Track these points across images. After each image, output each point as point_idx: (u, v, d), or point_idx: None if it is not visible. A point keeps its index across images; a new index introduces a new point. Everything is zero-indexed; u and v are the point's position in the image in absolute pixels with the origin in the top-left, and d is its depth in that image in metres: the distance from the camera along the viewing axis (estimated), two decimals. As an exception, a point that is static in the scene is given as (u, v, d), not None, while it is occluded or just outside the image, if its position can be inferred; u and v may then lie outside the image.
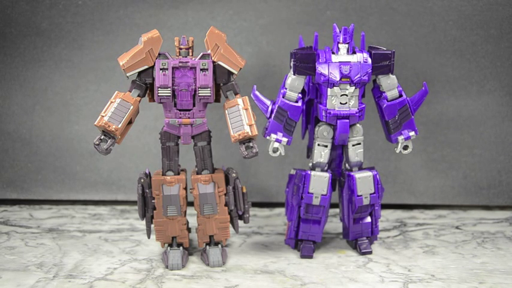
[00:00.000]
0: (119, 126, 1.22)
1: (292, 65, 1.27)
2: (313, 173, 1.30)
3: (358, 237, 1.36)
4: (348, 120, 1.26)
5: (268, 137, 1.28)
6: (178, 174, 1.28)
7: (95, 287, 1.17)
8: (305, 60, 1.26)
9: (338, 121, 1.26)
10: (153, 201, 1.28)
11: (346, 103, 1.25)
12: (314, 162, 1.31)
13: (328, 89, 1.25)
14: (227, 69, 1.24)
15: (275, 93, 1.32)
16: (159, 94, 1.23)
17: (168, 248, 1.30)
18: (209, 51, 1.24)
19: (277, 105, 1.27)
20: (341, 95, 1.25)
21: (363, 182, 1.31)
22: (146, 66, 1.23)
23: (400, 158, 1.65)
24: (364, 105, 1.28)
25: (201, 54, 1.24)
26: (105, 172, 1.69)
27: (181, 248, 1.29)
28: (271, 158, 1.58)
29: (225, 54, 1.23)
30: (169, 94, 1.23)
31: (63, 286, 1.18)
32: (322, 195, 1.30)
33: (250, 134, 1.23)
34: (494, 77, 1.61)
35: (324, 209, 1.31)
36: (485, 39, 1.60)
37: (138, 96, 1.25)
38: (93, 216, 1.60)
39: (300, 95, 1.28)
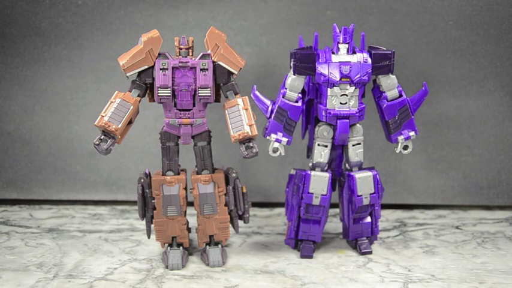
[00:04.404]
0: (119, 126, 1.21)
1: (292, 65, 1.27)
2: (313, 173, 1.30)
3: (358, 237, 1.36)
4: (348, 120, 1.26)
5: (268, 137, 1.28)
6: (178, 174, 1.28)
7: (95, 287, 1.17)
8: (305, 60, 1.26)
9: (338, 121, 1.26)
10: (153, 201, 1.28)
11: (346, 103, 1.25)
12: (314, 162, 1.31)
13: (328, 89, 1.25)
14: (227, 69, 1.24)
15: (275, 93, 1.32)
16: (159, 94, 1.23)
17: (168, 248, 1.30)
18: (209, 51, 1.24)
19: (277, 105, 1.27)
20: (341, 95, 1.25)
21: (363, 182, 1.31)
22: (146, 66, 1.23)
23: (400, 158, 1.64)
24: (364, 105, 1.28)
25: (201, 54, 1.24)
26: (105, 172, 1.69)
27: (181, 248, 1.29)
28: (271, 158, 1.58)
29: (225, 54, 1.23)
30: (169, 94, 1.23)
31: (63, 286, 1.18)
32: (322, 195, 1.30)
33: (250, 134, 1.23)
34: (494, 77, 1.61)
35: (324, 209, 1.31)
36: (485, 39, 1.60)
37: (138, 96, 1.25)
38: (93, 216, 1.60)
39: (300, 95, 1.28)
